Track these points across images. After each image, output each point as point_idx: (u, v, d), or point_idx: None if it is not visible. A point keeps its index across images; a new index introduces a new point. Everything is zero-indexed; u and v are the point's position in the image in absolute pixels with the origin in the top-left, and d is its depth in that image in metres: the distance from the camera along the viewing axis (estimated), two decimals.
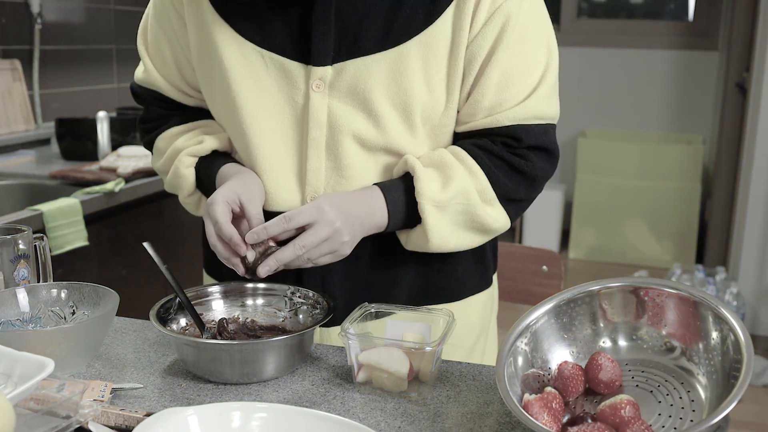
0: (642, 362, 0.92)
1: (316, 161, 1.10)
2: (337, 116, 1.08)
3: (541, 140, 1.11)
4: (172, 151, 1.21)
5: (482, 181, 1.09)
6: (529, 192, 1.13)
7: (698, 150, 4.34)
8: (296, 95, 1.09)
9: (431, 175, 1.08)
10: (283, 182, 1.12)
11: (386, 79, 1.06)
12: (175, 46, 1.18)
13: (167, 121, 1.25)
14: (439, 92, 1.09)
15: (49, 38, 2.77)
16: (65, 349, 0.98)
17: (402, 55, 1.06)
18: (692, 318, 0.89)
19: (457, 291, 1.20)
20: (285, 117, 1.10)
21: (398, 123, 1.08)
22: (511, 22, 1.06)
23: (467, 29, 1.06)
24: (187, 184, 1.19)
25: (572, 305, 0.96)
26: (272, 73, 1.09)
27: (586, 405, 0.89)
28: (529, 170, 1.11)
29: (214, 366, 0.98)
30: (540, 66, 1.10)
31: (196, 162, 1.19)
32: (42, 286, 1.10)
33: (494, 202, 1.10)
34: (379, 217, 1.08)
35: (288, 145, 1.11)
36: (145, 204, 2.34)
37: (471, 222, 1.10)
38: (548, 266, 1.59)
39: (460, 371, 1.04)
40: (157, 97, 1.24)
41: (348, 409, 0.93)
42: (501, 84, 1.08)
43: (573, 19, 4.79)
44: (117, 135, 2.64)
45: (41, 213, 1.91)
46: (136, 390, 0.97)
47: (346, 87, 1.07)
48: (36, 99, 2.73)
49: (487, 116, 1.10)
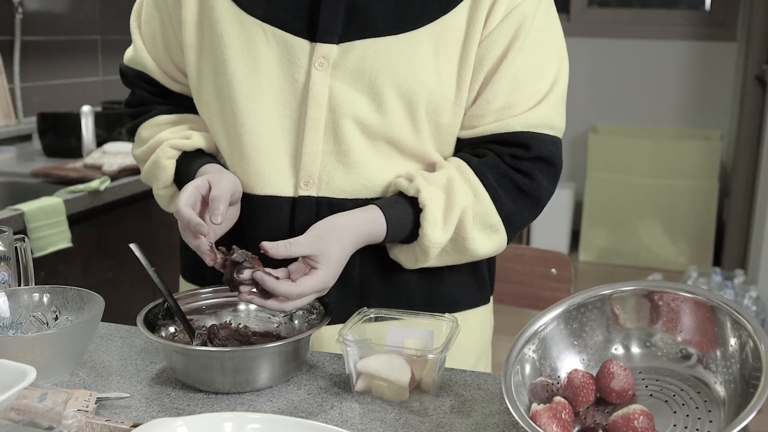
0: (656, 370, 0.92)
1: (312, 144, 1.10)
2: (339, 98, 1.08)
3: (549, 151, 1.12)
4: (155, 141, 1.21)
5: (486, 205, 1.10)
6: (532, 214, 1.15)
7: (715, 146, 4.35)
8: (297, 73, 1.09)
9: (436, 212, 1.07)
10: (276, 165, 1.11)
11: (394, 64, 1.07)
12: (166, 24, 1.19)
13: (152, 108, 1.25)
14: (448, 84, 1.09)
15: (31, 29, 2.77)
16: (48, 356, 0.98)
17: (413, 40, 1.07)
18: (709, 324, 0.89)
19: (457, 300, 1.21)
20: (283, 96, 1.10)
21: (401, 111, 1.09)
22: (527, 24, 1.09)
23: (482, 25, 1.08)
24: (165, 175, 1.19)
25: (583, 310, 0.96)
26: (273, 49, 1.10)
27: (597, 415, 0.89)
28: (534, 190, 1.12)
29: (204, 374, 0.98)
30: (551, 73, 1.12)
31: (179, 156, 1.19)
32: (23, 290, 1.10)
33: (498, 225, 1.11)
34: (375, 240, 1.09)
35: (284, 126, 1.11)
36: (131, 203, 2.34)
37: (458, 251, 1.11)
38: (557, 269, 1.59)
39: (465, 380, 1.04)
40: (143, 78, 1.25)
41: (346, 420, 0.93)
42: (512, 86, 1.10)
43: (583, 9, 4.79)
44: (102, 130, 2.64)
45: (22, 213, 1.91)
46: (122, 399, 0.97)
47: (351, 68, 1.08)
48: (17, 92, 2.73)
49: (495, 120, 1.11)
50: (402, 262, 1.13)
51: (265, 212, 1.13)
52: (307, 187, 1.11)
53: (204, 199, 1.07)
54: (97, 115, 2.64)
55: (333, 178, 1.10)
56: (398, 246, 1.13)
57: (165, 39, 1.20)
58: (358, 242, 1.07)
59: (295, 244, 1.00)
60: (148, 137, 1.23)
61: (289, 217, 1.12)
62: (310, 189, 1.11)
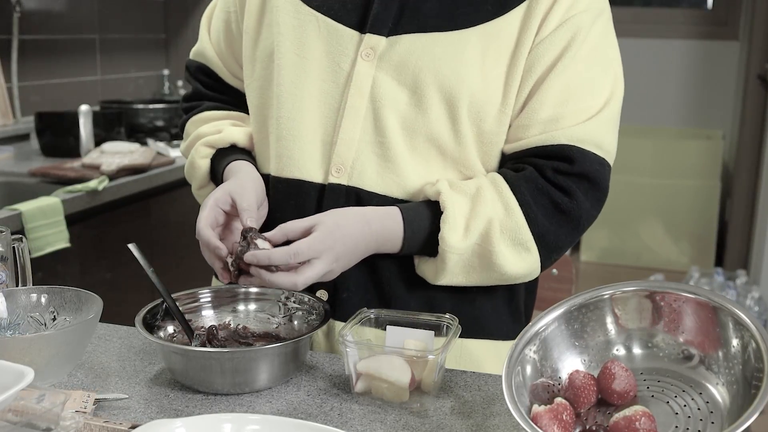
0: (658, 371, 0.92)
1: (350, 131, 1.10)
2: (381, 89, 1.09)
3: (595, 171, 1.09)
4: (194, 137, 1.26)
5: (518, 220, 1.06)
6: (569, 236, 1.11)
7: (717, 146, 4.35)
8: (343, 62, 1.12)
9: (457, 217, 1.06)
10: (309, 150, 1.13)
11: (438, 60, 1.08)
12: (231, 17, 1.25)
13: (203, 103, 1.29)
14: (494, 89, 1.09)
15: (29, 27, 2.77)
16: (45, 357, 0.98)
17: (461, 39, 1.08)
18: (711, 324, 0.89)
19: (489, 329, 1.18)
20: (326, 83, 1.12)
21: (441, 109, 1.08)
22: (581, 35, 1.08)
23: (534, 31, 1.07)
24: (199, 174, 1.23)
25: (584, 311, 0.96)
26: (322, 37, 1.13)
27: (598, 417, 0.89)
28: (573, 210, 1.08)
29: (203, 375, 0.98)
30: (605, 91, 1.10)
31: (213, 153, 1.22)
32: (21, 291, 1.10)
33: (529, 243, 1.07)
34: (392, 246, 1.08)
35: (323, 112, 1.13)
36: (130, 203, 2.34)
37: (486, 266, 1.08)
38: (558, 269, 1.59)
39: (465, 381, 1.04)
40: (203, 70, 1.31)
41: (346, 421, 0.93)
42: (562, 97, 1.08)
43: None
44: (100, 130, 2.64)
45: (20, 213, 1.91)
46: (120, 401, 0.97)
47: (396, 61, 1.09)
48: (15, 92, 2.73)
49: (541, 132, 1.08)
50: (425, 273, 1.12)
51: (293, 196, 1.14)
52: (338, 174, 1.11)
53: (225, 212, 1.10)
54: (96, 115, 2.64)
55: (366, 168, 1.10)
56: (422, 258, 1.12)
57: (228, 32, 1.25)
58: (367, 222, 1.06)
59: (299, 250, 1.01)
60: (192, 131, 1.27)
61: (315, 203, 1.12)
62: (341, 177, 1.11)
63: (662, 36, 4.62)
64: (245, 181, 1.13)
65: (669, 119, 4.70)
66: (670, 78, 4.64)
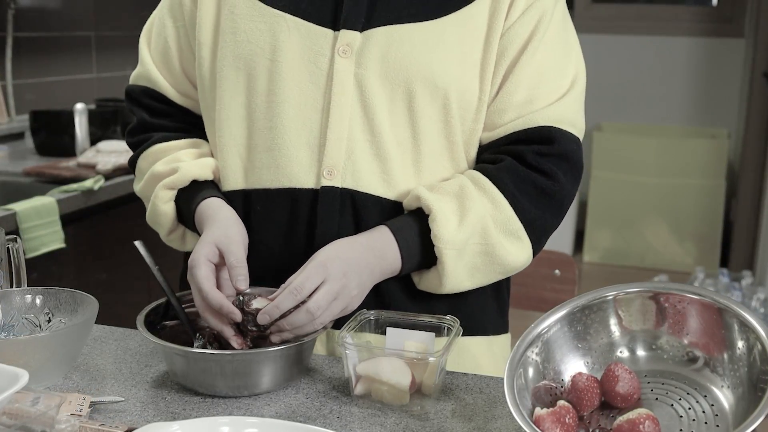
0: (662, 373, 0.92)
1: (338, 130, 1.10)
2: (364, 85, 1.09)
3: (572, 150, 1.13)
4: (149, 177, 1.20)
5: (506, 211, 1.09)
6: (556, 218, 1.14)
7: (723, 145, 4.35)
8: (320, 61, 1.10)
9: (446, 213, 1.07)
10: (296, 156, 1.11)
11: (419, 50, 1.09)
12: (180, 31, 1.20)
13: (150, 135, 1.23)
14: (472, 76, 1.11)
15: (24, 24, 2.77)
16: (40, 359, 0.98)
17: (438, 28, 1.09)
18: (716, 326, 0.89)
19: (483, 324, 1.20)
20: (304, 85, 1.11)
21: (426, 99, 1.09)
22: (546, 18, 1.12)
23: (504, 16, 1.11)
24: (166, 220, 1.19)
25: (587, 312, 0.96)
26: (294, 39, 1.11)
27: (601, 420, 0.89)
28: (557, 192, 1.12)
29: (204, 377, 0.98)
30: (570, 72, 1.15)
31: (175, 195, 1.18)
32: (15, 292, 1.10)
33: (520, 232, 1.10)
34: (392, 261, 1.08)
35: (306, 115, 1.11)
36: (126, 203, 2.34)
37: (490, 264, 1.10)
38: (561, 270, 1.59)
39: (466, 383, 1.04)
40: (149, 93, 1.24)
41: (345, 424, 0.93)
42: (535, 79, 1.11)
43: (588, 4, 4.79)
44: (96, 129, 2.64)
45: (15, 213, 1.91)
46: (116, 403, 0.97)
47: (376, 55, 1.09)
48: (9, 90, 2.73)
49: (518, 117, 1.11)
50: (430, 283, 1.11)
51: (282, 206, 1.12)
52: (330, 176, 1.10)
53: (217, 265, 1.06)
54: (91, 113, 2.64)
55: (360, 168, 1.10)
56: (422, 272, 1.12)
57: (178, 48, 1.20)
58: (356, 247, 1.05)
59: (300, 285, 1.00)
60: (146, 168, 1.22)
61: (308, 209, 1.11)
62: (334, 179, 1.10)
63: (667, 33, 4.62)
64: (231, 232, 1.08)
65: (673, 117, 4.70)
66: (674, 76, 4.64)
